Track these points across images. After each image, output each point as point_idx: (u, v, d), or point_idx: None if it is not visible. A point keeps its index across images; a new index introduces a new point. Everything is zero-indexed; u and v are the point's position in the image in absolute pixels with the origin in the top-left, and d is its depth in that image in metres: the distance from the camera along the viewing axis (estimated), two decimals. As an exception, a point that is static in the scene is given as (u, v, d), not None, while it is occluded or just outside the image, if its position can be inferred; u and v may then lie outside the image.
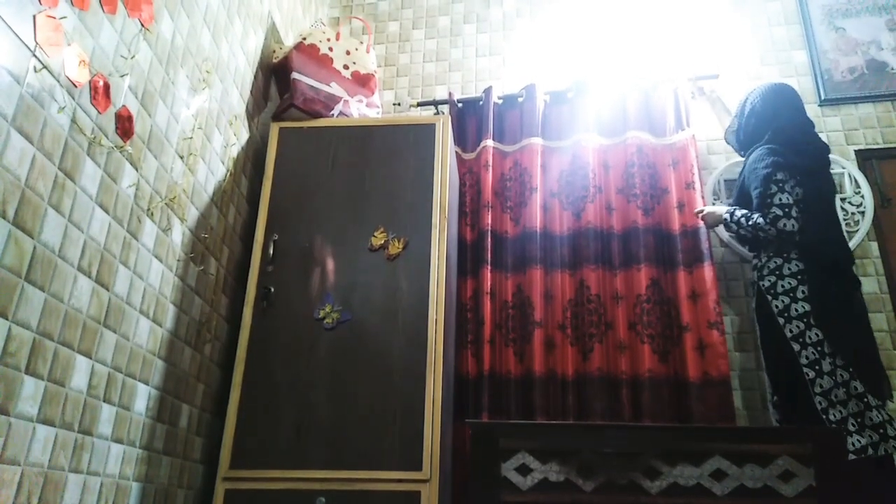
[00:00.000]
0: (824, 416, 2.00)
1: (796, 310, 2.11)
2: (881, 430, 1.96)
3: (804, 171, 2.23)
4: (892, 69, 2.86)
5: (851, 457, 1.92)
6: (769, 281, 2.19)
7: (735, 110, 2.52)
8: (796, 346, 2.08)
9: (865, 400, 2.00)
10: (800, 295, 2.12)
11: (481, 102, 2.96)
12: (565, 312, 2.55)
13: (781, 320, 2.12)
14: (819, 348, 2.05)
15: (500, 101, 2.96)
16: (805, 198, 2.20)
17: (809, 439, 1.69)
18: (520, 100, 2.93)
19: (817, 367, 2.05)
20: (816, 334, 2.07)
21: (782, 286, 2.15)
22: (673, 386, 2.40)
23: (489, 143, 2.84)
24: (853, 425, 1.98)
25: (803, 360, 2.06)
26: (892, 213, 2.66)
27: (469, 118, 2.97)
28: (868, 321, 2.16)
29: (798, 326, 2.10)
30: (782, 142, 2.27)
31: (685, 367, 2.40)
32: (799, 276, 2.14)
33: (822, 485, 1.62)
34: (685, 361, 2.40)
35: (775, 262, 2.19)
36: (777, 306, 2.14)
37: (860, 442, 1.96)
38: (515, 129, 2.91)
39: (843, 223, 2.59)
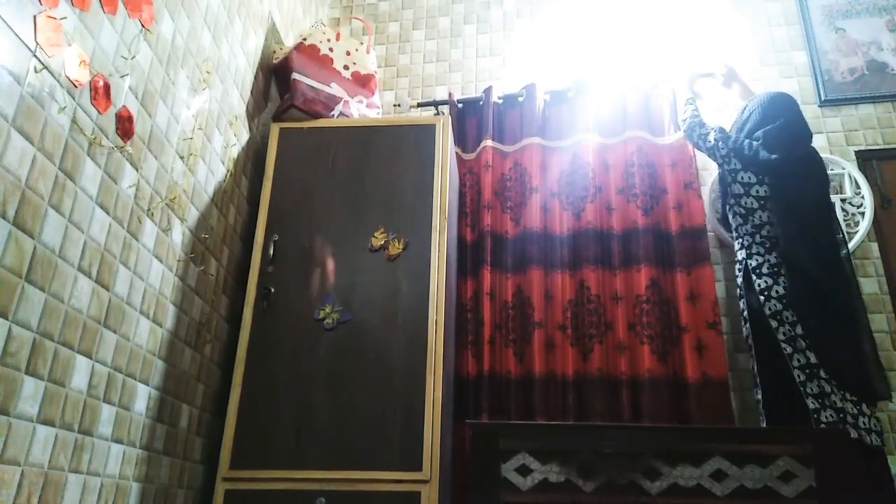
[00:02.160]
0: (803, 388, 2.02)
1: (777, 291, 2.12)
2: (841, 415, 1.97)
3: (779, 172, 2.22)
4: (893, 70, 2.86)
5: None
6: (766, 282, 2.17)
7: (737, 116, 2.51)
8: (774, 323, 2.10)
9: (825, 383, 2.00)
10: (774, 295, 2.13)
11: (481, 102, 2.95)
12: (565, 313, 2.54)
13: (762, 298, 2.13)
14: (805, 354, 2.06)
15: (501, 101, 2.96)
16: (774, 196, 2.20)
17: (809, 440, 1.69)
18: (520, 99, 2.92)
19: (793, 344, 2.07)
20: (792, 315, 2.09)
21: (759, 284, 2.16)
22: (672, 387, 2.40)
23: (489, 143, 2.84)
24: (827, 400, 2.00)
25: (781, 336, 2.09)
26: (892, 214, 2.66)
27: (469, 118, 2.96)
28: (860, 324, 2.11)
29: (776, 305, 2.11)
30: (772, 142, 2.27)
31: (684, 367, 2.40)
32: (774, 274, 2.15)
33: (823, 485, 1.62)
34: (684, 362, 2.40)
35: (755, 261, 2.20)
36: (759, 285, 2.15)
37: (833, 416, 1.98)
38: (515, 128, 2.90)
39: (841, 224, 2.56)
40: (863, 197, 2.65)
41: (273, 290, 2.13)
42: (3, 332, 1.20)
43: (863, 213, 2.64)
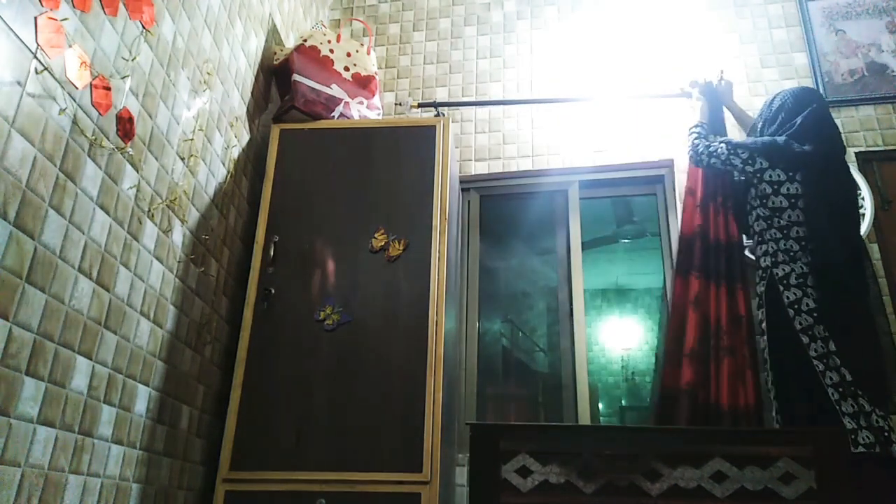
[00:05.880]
0: (838, 408, 1.95)
1: (807, 304, 2.04)
2: (885, 434, 1.94)
3: (813, 165, 2.13)
4: (893, 71, 2.86)
5: (861, 449, 1.90)
6: (794, 294, 2.10)
7: (761, 109, 2.42)
8: (805, 339, 2.02)
9: (865, 402, 1.97)
10: (804, 308, 2.06)
11: None
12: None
13: (791, 312, 2.06)
14: (826, 346, 2.01)
15: None
16: (806, 192, 2.11)
17: (810, 441, 1.69)
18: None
19: (826, 361, 2.00)
20: (824, 330, 2.02)
21: (795, 280, 2.09)
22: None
23: None
24: (864, 420, 1.95)
25: (812, 353, 2.01)
26: (892, 216, 2.65)
27: None
28: (876, 328, 2.08)
29: (807, 320, 2.04)
30: (805, 132, 2.19)
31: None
32: (803, 285, 2.08)
33: (823, 487, 1.62)
34: None
35: (782, 270, 2.12)
36: (788, 297, 2.08)
37: (869, 438, 1.93)
38: None
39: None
40: (863, 198, 2.65)
41: (273, 291, 2.13)
42: (4, 333, 1.20)
43: (863, 215, 2.63)
